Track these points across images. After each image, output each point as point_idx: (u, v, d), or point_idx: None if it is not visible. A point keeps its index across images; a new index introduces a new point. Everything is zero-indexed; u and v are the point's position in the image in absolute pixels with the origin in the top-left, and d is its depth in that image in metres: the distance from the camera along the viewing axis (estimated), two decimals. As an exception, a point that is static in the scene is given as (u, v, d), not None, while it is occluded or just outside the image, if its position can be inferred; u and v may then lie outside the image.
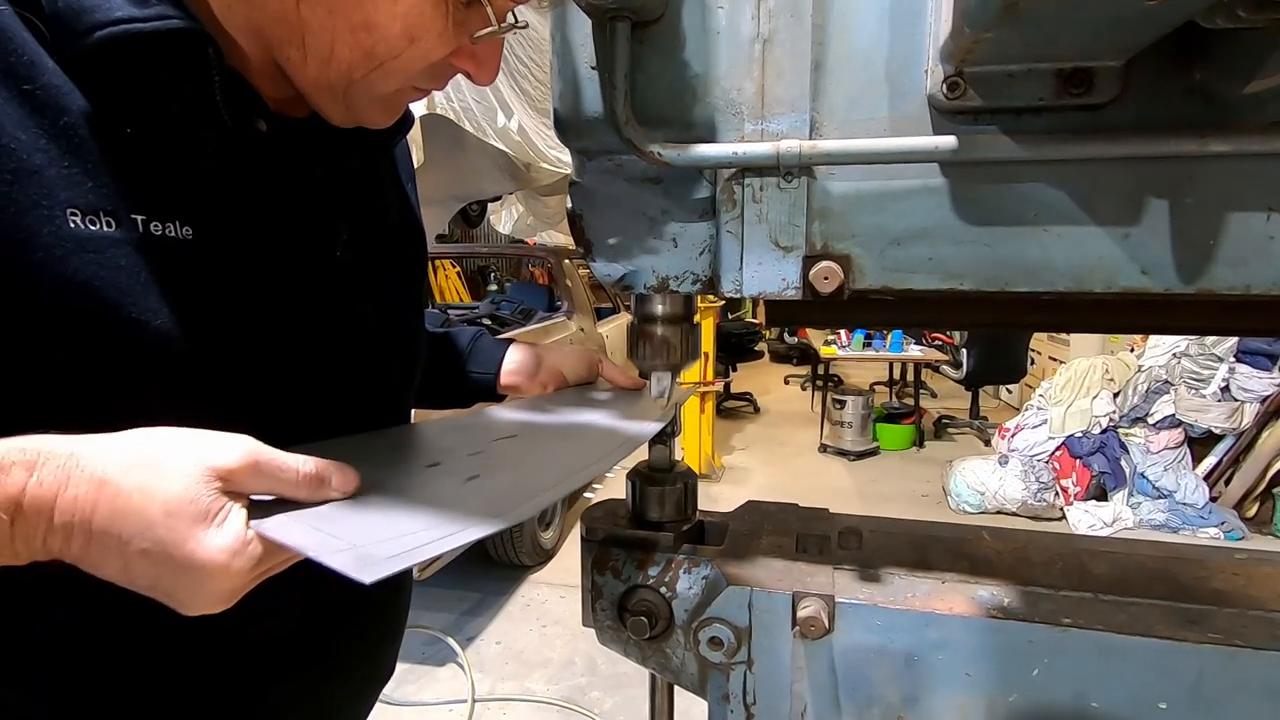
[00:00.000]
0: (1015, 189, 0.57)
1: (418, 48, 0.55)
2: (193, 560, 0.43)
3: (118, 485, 0.42)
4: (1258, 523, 4.37)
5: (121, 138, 0.49)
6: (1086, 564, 0.75)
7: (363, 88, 0.57)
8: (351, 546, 0.41)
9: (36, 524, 0.41)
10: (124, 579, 0.44)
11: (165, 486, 0.43)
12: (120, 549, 0.43)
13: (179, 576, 0.43)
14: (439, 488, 0.56)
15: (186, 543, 0.42)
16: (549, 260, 5.35)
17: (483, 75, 0.62)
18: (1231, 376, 4.42)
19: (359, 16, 0.52)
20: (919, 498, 5.09)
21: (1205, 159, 0.53)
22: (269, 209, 0.60)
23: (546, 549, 3.95)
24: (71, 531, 0.42)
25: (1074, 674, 0.62)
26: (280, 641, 0.66)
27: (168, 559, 0.43)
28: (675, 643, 0.74)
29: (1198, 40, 0.51)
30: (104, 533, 0.42)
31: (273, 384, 0.61)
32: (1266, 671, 0.58)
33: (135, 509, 0.42)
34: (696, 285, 0.68)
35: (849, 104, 0.59)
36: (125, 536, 0.42)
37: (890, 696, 0.67)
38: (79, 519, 0.42)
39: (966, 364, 6.39)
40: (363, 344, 0.70)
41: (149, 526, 0.42)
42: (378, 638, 0.77)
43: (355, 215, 0.70)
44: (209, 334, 0.54)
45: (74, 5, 0.46)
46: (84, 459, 0.42)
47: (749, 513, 0.88)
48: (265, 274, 0.59)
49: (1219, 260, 0.55)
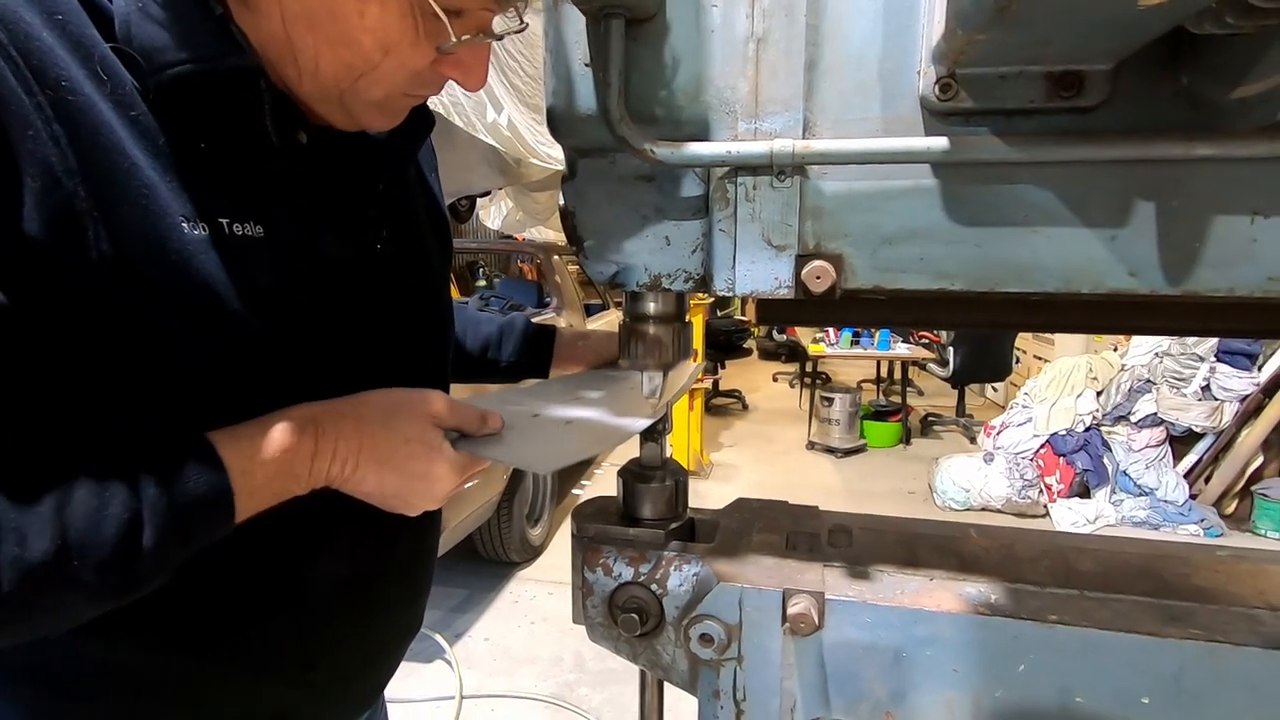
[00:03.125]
0: (1006, 190, 0.58)
1: (393, 59, 0.59)
2: (427, 474, 0.64)
3: (374, 429, 0.63)
4: (1236, 520, 4.45)
5: (198, 152, 0.57)
6: (1072, 561, 0.76)
7: (353, 96, 0.62)
8: (521, 458, 0.69)
9: (327, 463, 0.61)
10: (377, 492, 0.65)
11: (403, 427, 0.64)
12: (378, 471, 0.63)
13: (415, 484, 0.64)
14: (549, 429, 0.77)
15: (421, 463, 0.63)
16: (538, 256, 5.33)
17: (469, 82, 0.66)
18: (1212, 376, 4.49)
19: (334, 31, 0.57)
20: (905, 495, 5.13)
21: (1192, 163, 0.54)
22: (318, 208, 0.67)
23: (535, 546, 3.95)
24: (345, 463, 0.62)
25: (1059, 669, 0.63)
26: (336, 581, 0.74)
27: (410, 475, 0.64)
28: (666, 639, 0.74)
29: (1186, 45, 0.52)
30: (367, 462, 0.63)
31: (329, 363, 0.68)
32: (1246, 666, 0.59)
33: (386, 444, 0.63)
34: (689, 284, 0.68)
35: (842, 104, 0.59)
36: (379, 461, 0.63)
37: (879, 692, 0.68)
38: (351, 455, 0.62)
39: (953, 362, 6.44)
40: (404, 327, 0.78)
41: (395, 454, 0.63)
42: (413, 588, 0.86)
43: (391, 210, 0.76)
44: (278, 319, 0.63)
45: (146, 46, 0.53)
46: (345, 415, 0.62)
47: (739, 510, 0.88)
48: (321, 266, 0.67)
49: (1204, 262, 0.56)
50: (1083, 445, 4.74)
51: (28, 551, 0.47)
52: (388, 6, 0.56)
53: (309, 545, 0.70)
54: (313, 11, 0.56)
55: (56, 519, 0.49)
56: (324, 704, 0.79)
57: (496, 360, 1.08)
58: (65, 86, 0.49)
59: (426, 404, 0.66)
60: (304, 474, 0.61)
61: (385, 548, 0.78)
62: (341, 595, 0.75)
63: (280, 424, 0.60)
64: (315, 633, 0.74)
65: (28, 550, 0.47)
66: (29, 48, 0.48)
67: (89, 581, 0.50)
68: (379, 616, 0.81)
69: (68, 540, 0.49)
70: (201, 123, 0.57)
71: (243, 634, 0.69)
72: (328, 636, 0.75)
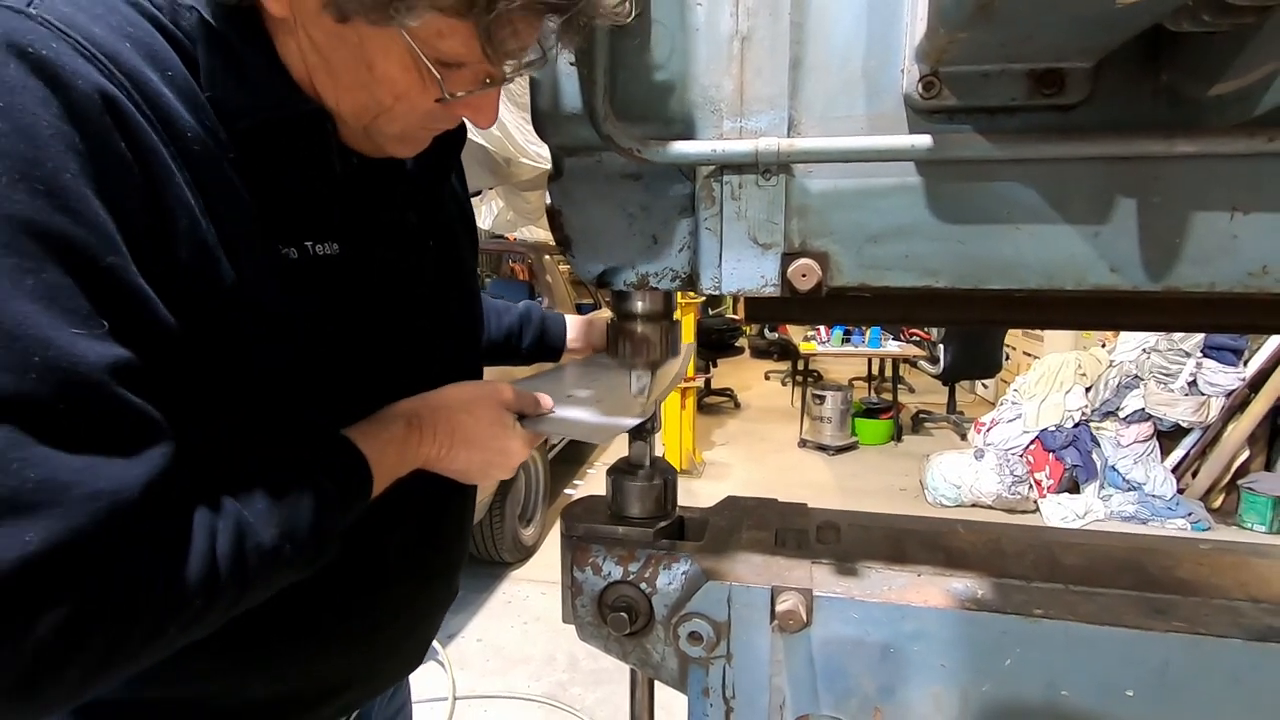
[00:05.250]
0: (989, 188, 0.58)
1: (404, 103, 0.64)
2: (505, 449, 0.78)
3: (461, 416, 0.76)
4: (1223, 513, 4.49)
5: (278, 185, 0.65)
6: (1057, 555, 0.76)
7: (374, 131, 0.68)
8: (578, 430, 0.81)
9: (428, 447, 0.74)
10: (464, 467, 0.78)
11: (483, 414, 0.77)
12: (466, 451, 0.76)
13: (495, 458, 0.78)
14: (582, 408, 0.87)
15: (500, 440, 0.77)
16: (529, 256, 5.32)
17: (480, 121, 0.70)
18: (1199, 371, 4.52)
19: (348, 79, 0.63)
20: (897, 491, 5.15)
21: (1172, 159, 0.54)
22: (372, 224, 0.75)
23: (528, 545, 3.94)
24: (442, 446, 0.75)
25: (1045, 663, 0.64)
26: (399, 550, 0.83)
27: (491, 451, 0.77)
28: (655, 638, 0.74)
29: (1166, 43, 0.52)
30: (459, 444, 0.76)
31: (390, 360, 0.77)
32: (1228, 658, 0.60)
33: (472, 428, 0.76)
34: (676, 282, 0.68)
35: (827, 102, 0.60)
36: (468, 442, 0.76)
37: (867, 688, 0.68)
38: (445, 439, 0.75)
39: (943, 360, 6.46)
40: (449, 323, 0.88)
41: (479, 436, 0.76)
42: (454, 559, 0.95)
43: (431, 219, 0.85)
44: (350, 325, 0.72)
45: (231, 95, 0.60)
46: (438, 408, 0.75)
47: (728, 508, 0.89)
48: (382, 275, 0.75)
49: (1185, 258, 0.57)
50: (1072, 441, 4.78)
51: (264, 541, 0.58)
52: (391, 59, 0.61)
53: (387, 521, 0.79)
54: (328, 61, 0.62)
55: (274, 511, 0.60)
56: (383, 664, 0.88)
57: (518, 347, 1.22)
58: (188, 137, 0.57)
59: (498, 393, 0.79)
60: (411, 458, 0.74)
61: (432, 522, 0.88)
62: (399, 565, 0.84)
63: (390, 419, 0.73)
64: (380, 599, 0.82)
65: (263, 540, 0.58)
66: (157, 103, 0.55)
67: (296, 560, 0.62)
68: (429, 584, 0.91)
69: (283, 529, 0.60)
70: (279, 159, 0.64)
71: (327, 600, 0.77)
72: (389, 602, 0.84)
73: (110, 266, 0.50)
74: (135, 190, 0.53)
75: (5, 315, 0.45)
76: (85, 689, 0.49)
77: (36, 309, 0.46)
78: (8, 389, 0.45)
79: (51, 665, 0.46)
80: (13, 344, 0.45)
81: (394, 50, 0.59)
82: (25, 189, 0.47)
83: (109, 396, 0.49)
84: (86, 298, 0.49)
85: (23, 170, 0.47)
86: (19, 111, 0.48)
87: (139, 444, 0.51)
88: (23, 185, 0.47)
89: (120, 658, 0.50)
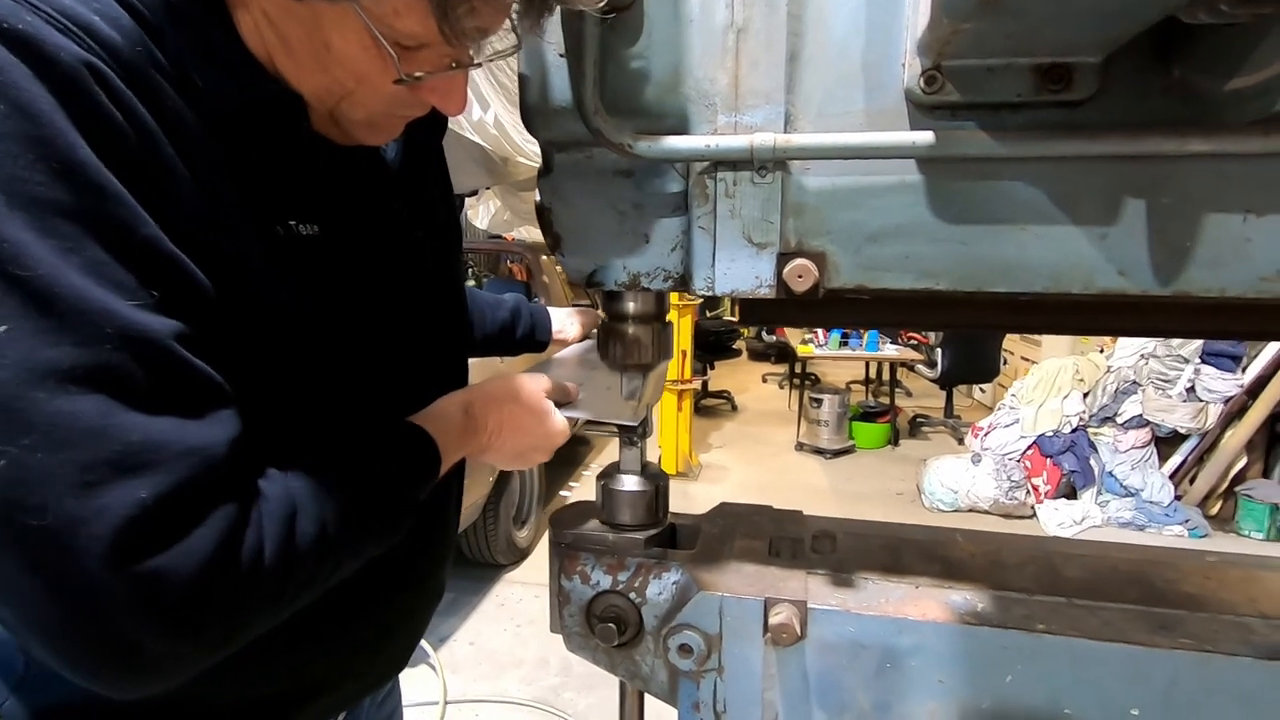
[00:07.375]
0: (992, 187, 0.56)
1: (367, 85, 0.63)
2: (548, 435, 0.83)
3: (511, 407, 0.81)
4: (1220, 520, 4.48)
5: (263, 168, 0.64)
6: (1059, 567, 0.74)
7: (340, 116, 0.67)
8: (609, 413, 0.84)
9: (481, 435, 0.79)
10: (512, 453, 0.83)
11: (527, 402, 0.82)
12: (515, 437, 0.82)
13: (540, 442, 0.83)
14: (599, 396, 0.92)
15: (543, 426, 0.82)
16: (526, 256, 5.30)
17: (448, 107, 0.68)
18: (1197, 378, 4.52)
19: (306, 60, 0.62)
20: (894, 496, 5.13)
21: (1184, 159, 0.52)
22: (353, 206, 0.73)
23: (521, 548, 3.91)
24: (493, 434, 0.80)
25: (1047, 680, 0.61)
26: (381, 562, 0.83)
27: (536, 435, 0.83)
28: (645, 650, 0.72)
29: (1178, 36, 0.50)
30: (508, 431, 0.81)
31: (377, 342, 0.76)
32: (1237, 677, 0.58)
33: (519, 416, 0.81)
34: (668, 282, 0.66)
35: (825, 97, 0.57)
36: (517, 430, 0.81)
37: (863, 703, 0.66)
38: (496, 426, 0.80)
39: (941, 363, 6.45)
40: (434, 308, 0.88)
41: (526, 423, 0.82)
42: (438, 557, 0.95)
43: (427, 214, 0.86)
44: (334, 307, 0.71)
45: (206, 79, 0.60)
46: (488, 399, 0.81)
47: (721, 515, 0.86)
48: (364, 258, 0.74)
49: (1196, 262, 0.55)
50: (1069, 446, 4.76)
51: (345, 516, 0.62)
52: (349, 38, 0.59)
53: None
54: (285, 40, 0.61)
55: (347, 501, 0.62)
56: (369, 664, 0.87)
57: (511, 340, 1.28)
58: (169, 109, 0.57)
59: (537, 383, 0.85)
60: (467, 445, 0.79)
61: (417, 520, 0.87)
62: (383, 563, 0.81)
63: (449, 409, 0.78)
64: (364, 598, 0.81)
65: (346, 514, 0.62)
66: (137, 75, 0.55)
67: (369, 537, 0.67)
68: (415, 582, 0.91)
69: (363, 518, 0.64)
70: (256, 140, 0.64)
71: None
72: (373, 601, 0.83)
73: (146, 239, 0.51)
74: (138, 163, 0.53)
75: (66, 291, 0.46)
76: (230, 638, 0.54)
77: (90, 283, 0.47)
78: (89, 361, 0.46)
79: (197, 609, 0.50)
80: (81, 318, 0.46)
81: (351, 28, 0.58)
82: (44, 170, 0.47)
83: (179, 362, 0.51)
84: (130, 271, 0.50)
85: (37, 151, 0.47)
86: (14, 89, 0.47)
87: (212, 406, 0.53)
88: (41, 167, 0.47)
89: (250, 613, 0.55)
